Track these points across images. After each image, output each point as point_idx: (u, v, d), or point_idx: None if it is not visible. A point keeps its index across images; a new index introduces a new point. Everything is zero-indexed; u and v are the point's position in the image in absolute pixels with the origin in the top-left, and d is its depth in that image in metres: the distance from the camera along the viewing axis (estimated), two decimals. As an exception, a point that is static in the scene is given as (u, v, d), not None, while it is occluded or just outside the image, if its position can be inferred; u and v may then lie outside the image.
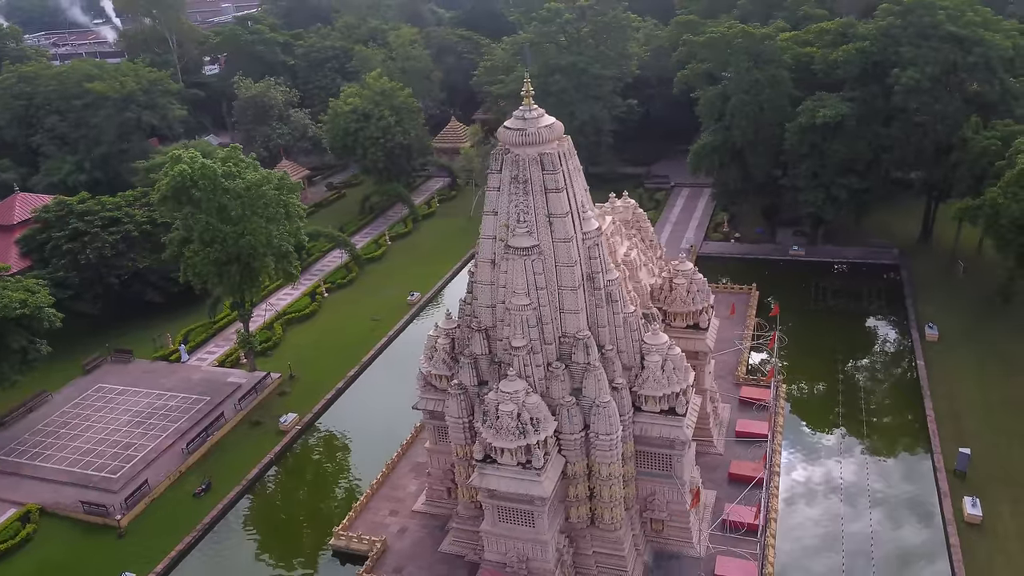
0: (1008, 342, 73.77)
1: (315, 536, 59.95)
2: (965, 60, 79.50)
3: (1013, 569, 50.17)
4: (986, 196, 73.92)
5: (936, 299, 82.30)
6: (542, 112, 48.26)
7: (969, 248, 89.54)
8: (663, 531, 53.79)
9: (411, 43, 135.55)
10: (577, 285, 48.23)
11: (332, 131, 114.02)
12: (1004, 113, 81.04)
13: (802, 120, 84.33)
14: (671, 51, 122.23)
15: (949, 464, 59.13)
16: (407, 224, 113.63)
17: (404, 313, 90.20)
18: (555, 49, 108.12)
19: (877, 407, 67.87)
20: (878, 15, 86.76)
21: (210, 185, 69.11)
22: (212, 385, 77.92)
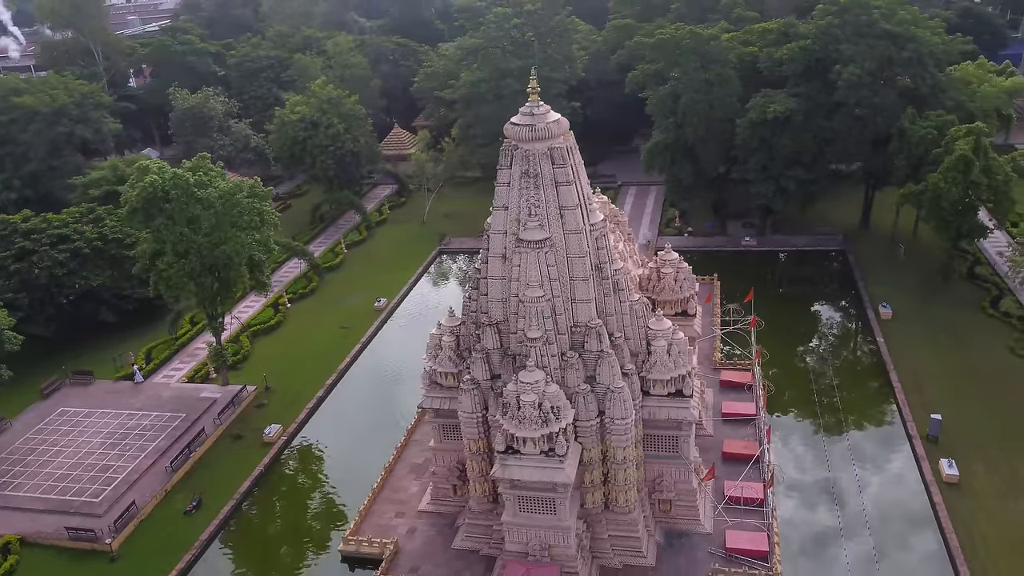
0: (953, 316, 79.12)
1: (320, 543, 59.44)
2: (899, 56, 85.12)
3: (994, 523, 54.09)
4: (928, 181, 79.20)
5: (884, 280, 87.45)
6: (548, 108, 49.57)
7: (906, 232, 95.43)
8: (671, 511, 55.58)
9: (349, 51, 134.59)
10: (588, 275, 49.61)
11: (279, 140, 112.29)
12: (935, 104, 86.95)
13: (752, 116, 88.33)
14: (609, 54, 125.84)
15: (921, 430, 63.19)
16: (361, 232, 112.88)
17: (373, 319, 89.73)
18: (501, 53, 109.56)
19: (847, 382, 71.81)
20: (816, 15, 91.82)
21: (183, 195, 67.50)
22: (185, 402, 75.75)
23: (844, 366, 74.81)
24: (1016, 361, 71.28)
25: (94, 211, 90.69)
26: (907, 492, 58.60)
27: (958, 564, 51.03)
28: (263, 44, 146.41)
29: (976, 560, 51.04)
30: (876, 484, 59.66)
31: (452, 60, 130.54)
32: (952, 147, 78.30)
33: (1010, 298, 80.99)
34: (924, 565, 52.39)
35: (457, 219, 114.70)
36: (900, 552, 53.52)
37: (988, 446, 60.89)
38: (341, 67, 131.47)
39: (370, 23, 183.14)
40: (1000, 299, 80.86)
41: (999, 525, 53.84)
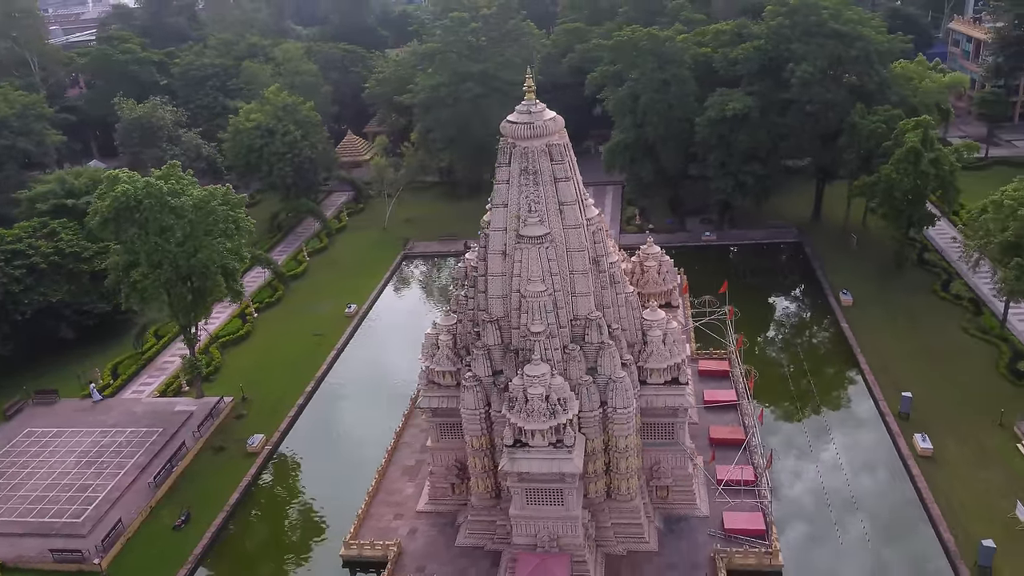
0: (908, 300, 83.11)
1: (318, 550, 59.04)
2: (848, 54, 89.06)
3: (968, 490, 57.20)
4: (881, 173, 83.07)
5: (841, 269, 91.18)
6: (544, 106, 50.49)
7: (856, 223, 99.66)
8: (668, 497, 57.06)
9: (299, 58, 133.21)
10: (587, 269, 50.73)
11: (234, 149, 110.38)
12: (881, 100, 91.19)
13: (711, 114, 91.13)
14: (559, 58, 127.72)
15: (893, 408, 66.32)
16: (322, 239, 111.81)
17: (346, 326, 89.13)
18: (457, 58, 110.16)
19: (817, 366, 74.80)
20: (767, 16, 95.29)
21: (156, 204, 66.09)
22: (160, 416, 73.95)
23: (813, 351, 77.89)
24: (969, 340, 75.29)
25: (47, 225, 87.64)
26: (886, 466, 61.50)
27: (941, 531, 53.84)
28: (206, 52, 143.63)
29: (958, 527, 53.92)
30: (857, 460, 62.38)
31: (405, 65, 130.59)
32: (902, 140, 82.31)
33: (959, 281, 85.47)
34: (911, 535, 55.04)
35: (418, 224, 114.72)
36: (886, 523, 56.13)
37: (955, 420, 64.23)
38: (291, 74, 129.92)
39: (307, 31, 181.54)
40: (950, 283, 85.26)
41: (974, 493, 56.95)
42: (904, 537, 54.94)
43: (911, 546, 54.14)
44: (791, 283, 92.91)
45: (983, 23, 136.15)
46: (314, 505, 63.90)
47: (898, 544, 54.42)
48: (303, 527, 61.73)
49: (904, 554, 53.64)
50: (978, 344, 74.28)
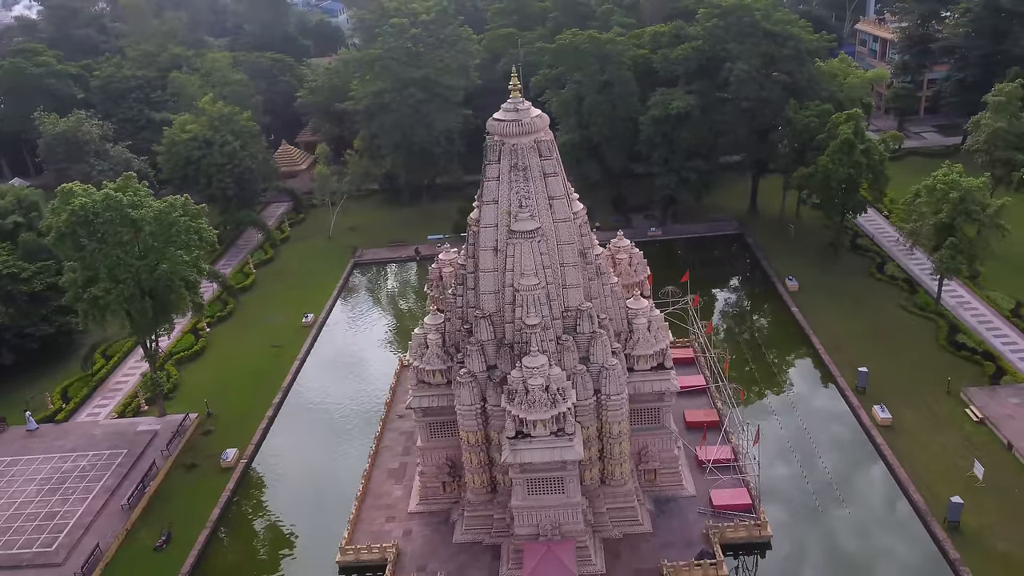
0: (848, 283, 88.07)
1: (311, 559, 58.28)
2: (780, 53, 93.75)
3: (927, 454, 61.25)
4: (818, 164, 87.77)
5: (782, 257, 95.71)
6: (529, 104, 51.66)
7: (790, 213, 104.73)
8: (656, 479, 58.97)
9: (228, 67, 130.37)
10: (576, 261, 52.15)
11: (170, 161, 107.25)
12: (811, 95, 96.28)
13: (655, 112, 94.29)
14: (493, 63, 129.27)
15: (851, 383, 70.28)
16: (267, 251, 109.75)
17: (305, 335, 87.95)
18: (398, 64, 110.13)
19: (775, 348, 78.51)
20: (701, 18, 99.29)
21: (116, 217, 64.03)
22: (123, 437, 71.33)
23: (769, 335, 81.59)
24: (909, 317, 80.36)
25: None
26: (851, 437, 65.19)
27: (911, 493, 57.51)
28: (126, 64, 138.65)
29: (924, 488, 57.69)
30: (823, 433, 65.85)
31: (338, 73, 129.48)
32: (835, 132, 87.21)
33: (892, 264, 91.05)
34: (883, 498, 58.53)
35: (363, 232, 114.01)
36: (859, 489, 59.60)
37: (907, 391, 68.53)
38: (221, 84, 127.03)
39: (218, 41, 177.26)
40: (883, 265, 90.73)
41: (933, 456, 61.02)
42: (877, 500, 58.41)
43: (884, 508, 57.60)
44: (739, 272, 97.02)
45: (887, 23, 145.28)
46: (299, 514, 62.89)
47: (872, 507, 57.82)
48: (292, 537, 60.76)
49: (879, 516, 57.02)
50: (917, 320, 79.37)
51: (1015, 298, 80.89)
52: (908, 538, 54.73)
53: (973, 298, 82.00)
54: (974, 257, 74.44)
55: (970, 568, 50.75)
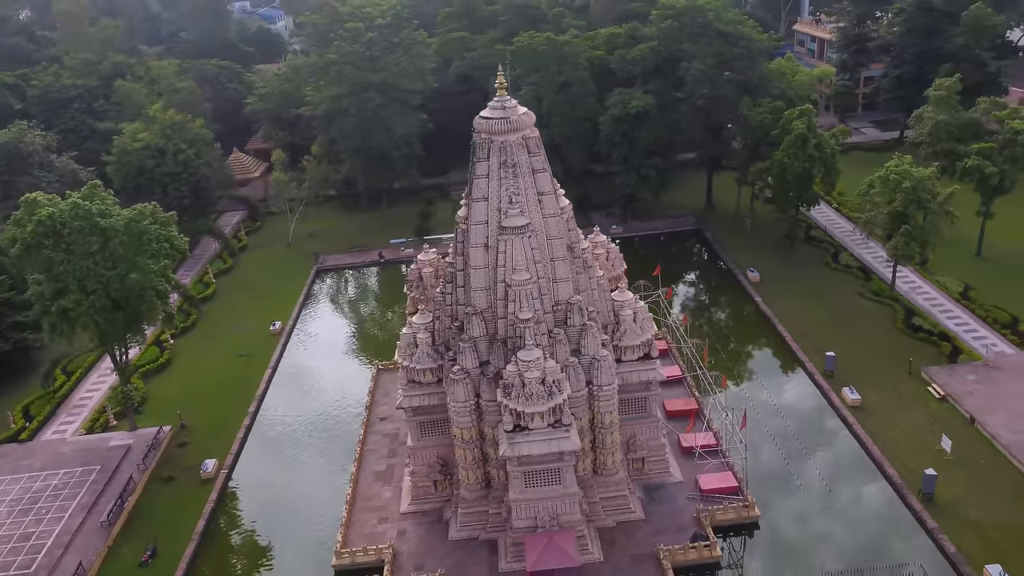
0: (806, 272, 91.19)
1: (306, 565, 57.92)
2: (733, 52, 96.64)
3: (897, 431, 63.99)
4: (774, 158, 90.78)
5: (740, 249, 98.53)
6: (515, 102, 52.40)
7: (744, 208, 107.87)
8: (644, 468, 60.27)
9: (175, 75, 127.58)
10: (566, 255, 53.10)
11: (122, 171, 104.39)
12: (763, 93, 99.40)
13: (615, 112, 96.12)
14: (445, 67, 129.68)
15: (819, 367, 72.93)
16: (226, 260, 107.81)
17: (275, 343, 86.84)
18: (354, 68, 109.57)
19: (743, 337, 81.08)
20: (655, 19, 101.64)
21: (85, 226, 62.40)
22: (94, 454, 69.40)
23: (736, 324, 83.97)
24: (866, 303, 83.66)
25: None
26: (824, 418, 67.74)
27: (885, 468, 60.10)
28: (65, 73, 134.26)
29: (897, 462, 60.33)
30: (798, 415, 68.28)
31: (287, 79, 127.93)
32: (789, 127, 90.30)
33: (846, 253, 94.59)
34: (859, 474, 60.93)
35: (322, 238, 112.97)
36: (837, 467, 61.94)
37: (872, 373, 71.40)
38: (168, 92, 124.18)
39: (152, 49, 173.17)
40: (838, 255, 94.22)
41: (902, 433, 63.80)
42: (854, 477, 60.82)
43: (863, 484, 60.02)
44: (701, 266, 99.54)
45: (823, 24, 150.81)
46: (287, 521, 62.16)
47: (851, 483, 60.23)
48: (283, 544, 60.00)
49: (858, 491, 59.45)
50: (874, 306, 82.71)
51: (963, 281, 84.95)
52: (887, 511, 57.18)
53: (924, 283, 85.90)
54: (927, 243, 78.01)
55: (948, 536, 53.32)
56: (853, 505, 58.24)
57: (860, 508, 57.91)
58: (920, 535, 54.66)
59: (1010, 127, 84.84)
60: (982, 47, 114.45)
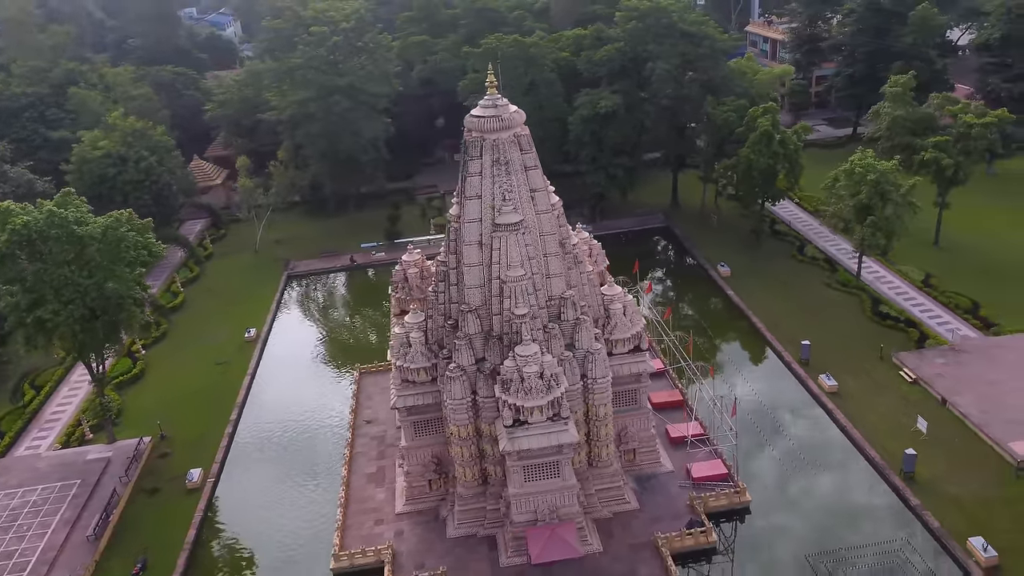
0: (774, 265, 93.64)
1: (303, 570, 57.31)
2: (697, 52, 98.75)
3: (874, 414, 66.13)
4: (740, 155, 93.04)
5: (709, 245, 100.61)
6: (507, 100, 52.97)
7: (710, 205, 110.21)
8: (635, 459, 61.27)
9: (131, 82, 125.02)
10: (558, 251, 53.84)
11: (82, 180, 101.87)
12: (727, 92, 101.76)
13: (584, 112, 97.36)
14: (407, 71, 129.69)
15: (795, 355, 74.97)
16: (192, 268, 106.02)
17: (251, 350, 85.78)
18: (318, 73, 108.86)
19: (719, 330, 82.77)
20: (619, 20, 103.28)
21: (62, 235, 61.01)
22: (72, 468, 67.71)
23: (711, 317, 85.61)
24: (834, 293, 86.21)
25: None
26: (804, 405, 69.72)
27: (866, 450, 62.17)
28: (13, 81, 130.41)
29: (877, 444, 62.44)
30: (778, 402, 70.00)
31: (248, 84, 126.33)
32: (754, 125, 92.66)
33: (811, 246, 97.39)
34: (842, 457, 62.86)
35: (290, 244, 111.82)
36: (820, 451, 63.76)
37: (846, 360, 73.60)
38: (124, 99, 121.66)
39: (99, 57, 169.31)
40: (803, 248, 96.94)
41: (879, 416, 66.00)
42: (838, 459, 62.74)
43: (846, 466, 61.96)
44: (672, 262, 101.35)
45: (774, 25, 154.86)
46: (280, 527, 61.48)
47: (835, 466, 62.13)
48: (277, 550, 59.33)
49: (842, 473, 61.34)
50: (842, 296, 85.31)
51: (924, 270, 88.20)
52: (871, 490, 59.17)
53: (888, 272, 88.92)
54: (892, 234, 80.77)
55: (931, 512, 55.42)
56: (839, 486, 60.11)
57: (845, 489, 59.80)
58: (904, 512, 56.68)
59: (963, 121, 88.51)
60: (929, 46, 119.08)
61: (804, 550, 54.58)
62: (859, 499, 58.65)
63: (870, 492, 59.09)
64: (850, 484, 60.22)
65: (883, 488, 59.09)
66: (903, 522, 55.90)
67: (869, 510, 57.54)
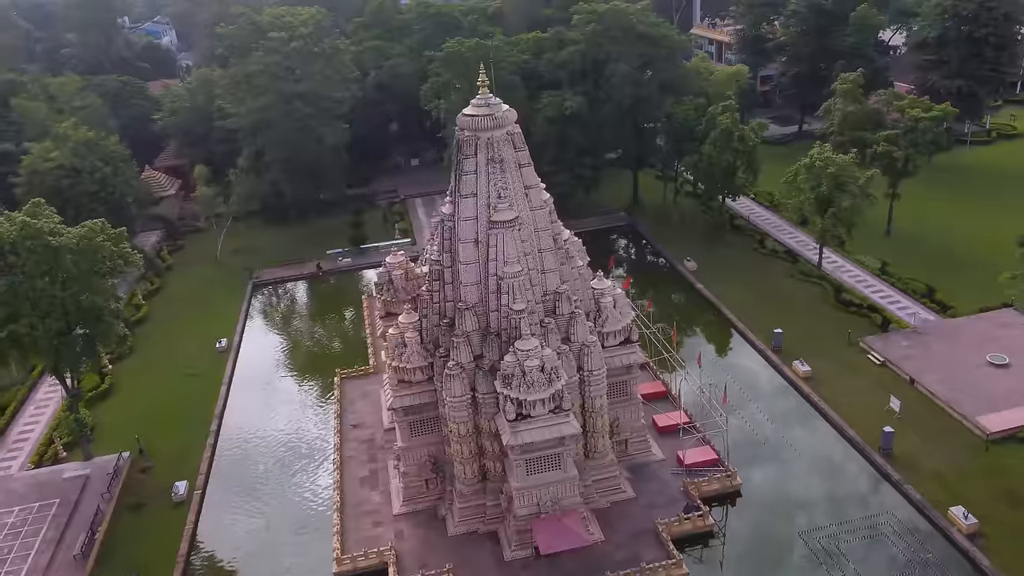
0: (738, 258, 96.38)
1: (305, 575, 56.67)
2: (656, 53, 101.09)
3: (848, 396, 68.77)
4: (703, 152, 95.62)
5: (673, 241, 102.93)
6: (499, 99, 53.66)
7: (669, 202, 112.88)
8: (627, 449, 62.51)
9: (78, 91, 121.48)
10: (552, 247, 54.73)
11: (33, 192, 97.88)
12: (684, 91, 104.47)
13: (549, 113, 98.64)
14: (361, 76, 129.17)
15: (767, 343, 77.43)
16: (152, 281, 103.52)
17: (224, 360, 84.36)
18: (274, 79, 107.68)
19: (692, 322, 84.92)
20: (577, 23, 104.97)
21: (37, 246, 59.24)
22: (50, 487, 65.68)
23: (683, 310, 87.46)
24: (797, 283, 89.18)
25: None
26: (781, 390, 72.12)
27: (845, 430, 64.74)
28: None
29: (857, 424, 64.99)
30: (756, 389, 72.18)
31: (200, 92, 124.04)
32: (715, 123, 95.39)
33: (770, 239, 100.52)
34: (823, 438, 65.30)
35: (251, 253, 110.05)
36: (800, 433, 66.14)
37: (816, 346, 76.19)
38: (71, 110, 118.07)
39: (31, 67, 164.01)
40: (763, 241, 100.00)
41: (854, 397, 68.64)
42: (819, 440, 65.19)
43: (828, 446, 64.38)
44: (640, 258, 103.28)
45: (718, 28, 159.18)
46: (275, 534, 60.77)
47: (817, 447, 64.52)
48: (275, 557, 58.53)
49: (825, 453, 63.72)
50: (805, 285, 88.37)
51: (879, 258, 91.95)
52: (854, 468, 61.65)
53: (846, 262, 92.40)
54: (852, 224, 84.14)
55: (912, 485, 58.05)
56: (823, 465, 62.45)
57: (829, 468, 62.16)
58: (886, 486, 59.23)
59: (911, 115, 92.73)
60: (868, 45, 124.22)
61: (797, 528, 56.57)
62: (843, 477, 61.05)
63: (853, 470, 61.56)
64: (833, 463, 62.62)
65: (865, 465, 61.62)
66: (887, 496, 58.42)
67: (854, 486, 59.97)
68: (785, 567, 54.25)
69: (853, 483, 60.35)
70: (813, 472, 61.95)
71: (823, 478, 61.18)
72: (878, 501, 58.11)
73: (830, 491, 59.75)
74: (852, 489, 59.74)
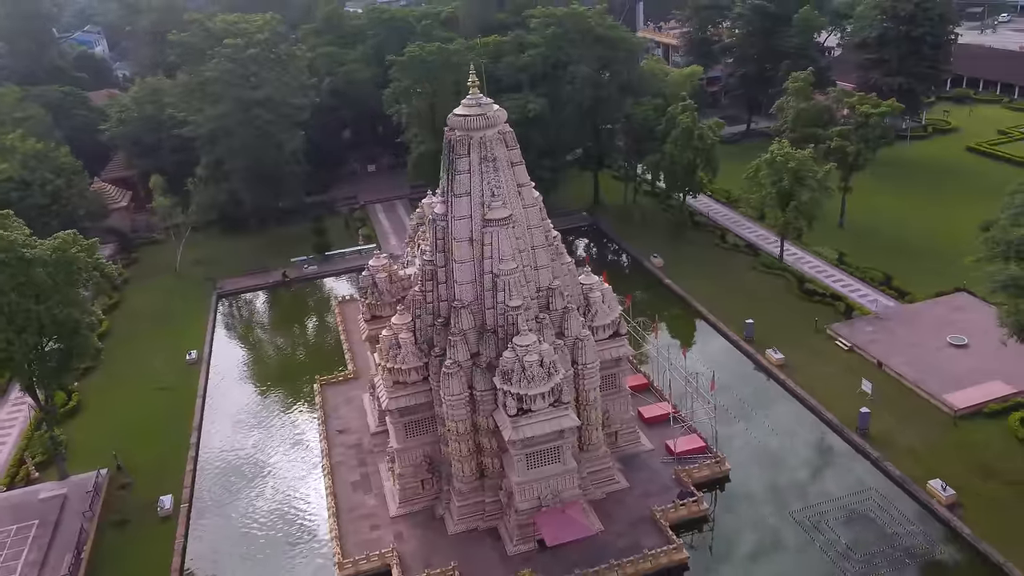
0: (701, 254, 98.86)
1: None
2: (614, 55, 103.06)
3: (822, 381, 71.41)
4: (664, 151, 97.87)
5: (637, 239, 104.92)
6: (490, 99, 54.27)
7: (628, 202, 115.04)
8: (617, 440, 63.68)
9: (18, 102, 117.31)
10: (544, 243, 55.59)
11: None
12: (642, 92, 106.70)
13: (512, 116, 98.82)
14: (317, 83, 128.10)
15: (739, 334, 79.73)
16: (110, 295, 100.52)
17: (196, 373, 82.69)
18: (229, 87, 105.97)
19: (665, 316, 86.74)
20: (537, 26, 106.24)
21: (11, 258, 57.38)
22: (27, 508, 63.53)
23: (654, 305, 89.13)
24: (761, 276, 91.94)
25: None
26: (757, 378, 74.48)
27: (823, 413, 67.27)
28: None
29: (834, 407, 67.53)
30: (733, 378, 73.94)
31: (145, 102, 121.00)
32: (675, 122, 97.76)
33: (731, 234, 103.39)
34: (802, 422, 67.63)
35: (211, 263, 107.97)
36: (780, 418, 68.36)
37: (785, 335, 78.78)
38: (14, 121, 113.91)
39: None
40: (724, 236, 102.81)
41: (827, 382, 71.28)
42: (799, 424, 67.48)
43: (807, 430, 66.73)
44: (606, 257, 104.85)
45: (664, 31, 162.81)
46: (271, 543, 59.97)
47: (797, 431, 66.78)
48: (274, 565, 57.82)
49: (805, 436, 66.05)
50: (769, 277, 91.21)
51: (836, 249, 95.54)
52: (834, 448, 64.12)
53: (805, 254, 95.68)
54: (813, 217, 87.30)
55: (891, 462, 60.70)
56: (804, 448, 64.74)
57: (811, 450, 64.52)
58: (866, 464, 61.78)
59: (861, 112, 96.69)
60: (811, 46, 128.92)
61: (786, 509, 58.53)
62: (825, 457, 63.46)
63: (833, 450, 64.02)
64: (814, 445, 64.98)
65: (844, 445, 64.14)
66: (868, 473, 60.93)
67: (836, 466, 62.39)
68: (778, 546, 56.06)
69: (835, 463, 62.79)
70: (796, 454, 64.18)
71: (806, 459, 63.49)
72: (860, 479, 60.55)
73: (814, 471, 62.07)
74: (835, 468, 62.15)
